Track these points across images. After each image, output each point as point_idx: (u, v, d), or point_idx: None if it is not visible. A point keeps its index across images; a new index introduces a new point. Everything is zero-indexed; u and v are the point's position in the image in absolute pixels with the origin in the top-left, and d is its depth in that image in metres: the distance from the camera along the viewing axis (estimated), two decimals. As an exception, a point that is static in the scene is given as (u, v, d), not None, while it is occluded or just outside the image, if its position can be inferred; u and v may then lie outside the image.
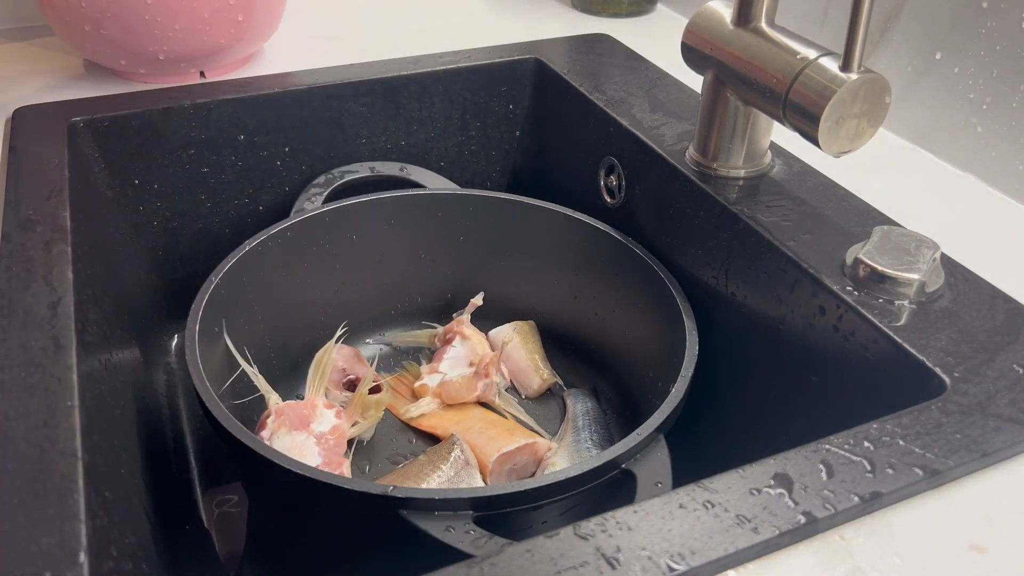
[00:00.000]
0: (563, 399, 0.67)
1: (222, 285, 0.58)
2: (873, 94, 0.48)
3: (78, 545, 0.32)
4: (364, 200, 0.67)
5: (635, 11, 0.91)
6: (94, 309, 0.50)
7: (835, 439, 0.38)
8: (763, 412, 0.56)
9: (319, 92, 0.71)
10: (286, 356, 0.67)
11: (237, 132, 0.70)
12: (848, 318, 0.47)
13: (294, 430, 0.56)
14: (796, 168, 0.60)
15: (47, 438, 0.37)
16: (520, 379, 0.69)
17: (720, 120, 0.57)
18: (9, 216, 0.52)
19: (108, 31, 0.67)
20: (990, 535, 0.35)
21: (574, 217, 0.66)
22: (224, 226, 0.74)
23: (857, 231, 0.53)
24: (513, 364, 0.69)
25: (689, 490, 0.35)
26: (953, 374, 0.42)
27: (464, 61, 0.76)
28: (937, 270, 0.49)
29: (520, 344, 0.69)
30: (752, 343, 0.56)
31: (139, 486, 0.47)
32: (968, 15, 0.60)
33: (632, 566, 0.32)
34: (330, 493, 0.44)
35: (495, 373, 0.65)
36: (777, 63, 0.51)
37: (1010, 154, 0.59)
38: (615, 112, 0.68)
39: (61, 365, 0.41)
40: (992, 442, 0.38)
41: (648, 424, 0.48)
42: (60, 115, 0.64)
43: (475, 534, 0.42)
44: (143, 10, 0.66)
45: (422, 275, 0.72)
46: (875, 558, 0.34)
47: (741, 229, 0.55)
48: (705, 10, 0.57)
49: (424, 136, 0.77)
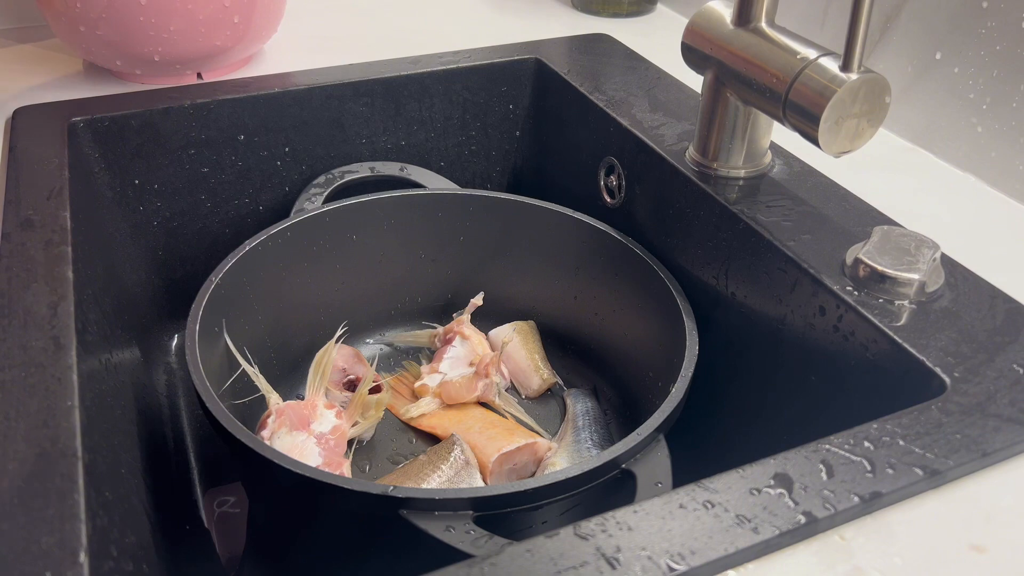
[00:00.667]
0: (563, 399, 0.67)
1: (222, 285, 0.58)
2: (873, 94, 0.48)
3: (78, 545, 0.32)
4: (364, 200, 0.67)
5: (635, 11, 0.91)
6: (94, 309, 0.50)
7: (835, 439, 0.38)
8: (763, 412, 0.56)
9: (319, 92, 0.71)
10: (286, 356, 0.67)
11: (237, 132, 0.70)
12: (848, 318, 0.47)
13: (294, 430, 0.56)
14: (796, 168, 0.60)
15: (47, 438, 0.37)
16: (520, 379, 0.69)
17: (720, 120, 0.57)
18: (9, 216, 0.52)
19: (104, 32, 0.67)
20: (990, 535, 0.35)
21: (574, 217, 0.66)
22: (224, 226, 0.74)
23: (857, 231, 0.53)
24: (513, 364, 0.69)
25: (689, 490, 0.35)
26: (953, 374, 0.42)
27: (464, 61, 0.76)
28: (937, 270, 0.49)
29: (520, 344, 0.69)
30: (752, 343, 0.56)
31: (139, 486, 0.47)
32: (968, 15, 0.60)
33: (632, 566, 0.32)
34: (330, 493, 0.44)
35: (495, 373, 0.65)
36: (777, 63, 0.51)
37: (1010, 154, 0.59)
38: (615, 112, 0.68)
39: (61, 365, 0.41)
40: (992, 442, 0.38)
41: (648, 424, 0.48)
42: (60, 115, 0.64)
43: (475, 534, 0.42)
44: (138, 11, 0.66)
45: (422, 275, 0.72)
46: (875, 558, 0.34)
47: (741, 229, 0.55)
48: (705, 10, 0.57)
49: (424, 136, 0.77)
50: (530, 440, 0.59)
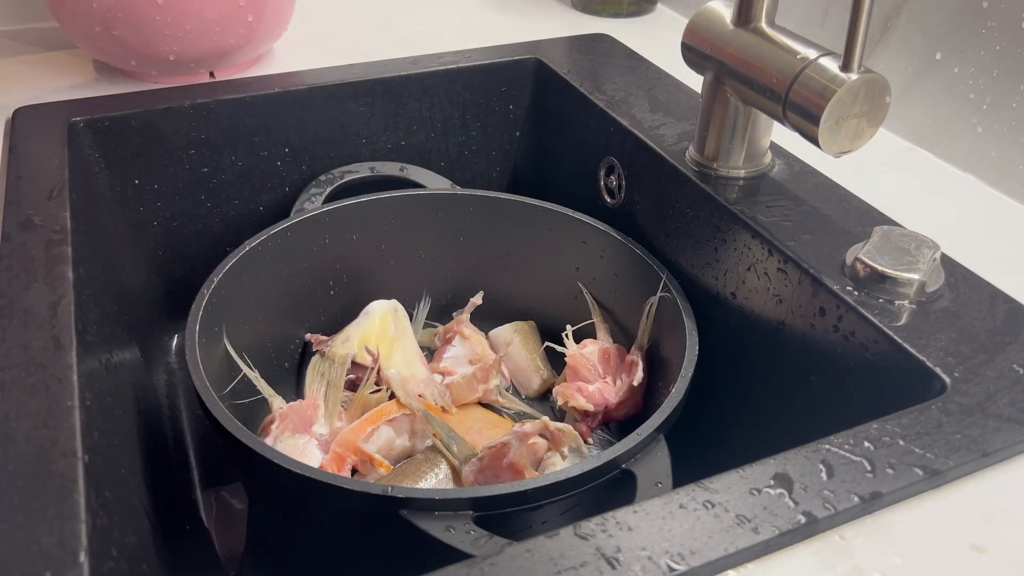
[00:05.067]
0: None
1: (222, 285, 0.58)
2: (873, 94, 0.48)
3: (78, 545, 0.32)
4: (364, 200, 0.67)
5: (635, 11, 0.91)
6: (94, 309, 0.50)
7: (835, 439, 0.38)
8: (763, 412, 0.56)
9: (319, 92, 0.71)
10: (287, 356, 0.67)
11: (237, 132, 0.70)
12: (848, 318, 0.47)
13: (297, 433, 0.56)
14: (796, 168, 0.60)
15: (47, 438, 0.37)
16: (520, 379, 0.69)
17: (720, 120, 0.57)
18: (9, 216, 0.52)
19: (118, 32, 0.67)
20: (990, 535, 0.35)
21: (574, 217, 0.66)
22: (224, 226, 0.74)
23: (857, 231, 0.53)
24: (513, 364, 0.69)
25: (689, 490, 0.35)
26: (953, 374, 0.42)
27: (464, 61, 0.76)
28: (937, 270, 0.49)
29: (520, 344, 0.69)
30: (752, 343, 0.56)
31: (139, 486, 0.47)
32: (968, 15, 0.60)
33: (632, 566, 0.32)
34: (330, 493, 0.44)
35: (495, 376, 0.65)
36: (777, 63, 0.51)
37: (1010, 154, 0.59)
38: (615, 112, 0.68)
39: (61, 365, 0.41)
40: (992, 442, 0.38)
41: (648, 424, 0.48)
42: (60, 115, 0.64)
43: (475, 534, 0.42)
44: (153, 11, 0.66)
45: (422, 275, 0.72)
46: (875, 558, 0.34)
47: (741, 229, 0.55)
48: (705, 10, 0.57)
49: (424, 136, 0.77)
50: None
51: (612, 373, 0.63)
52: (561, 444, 0.55)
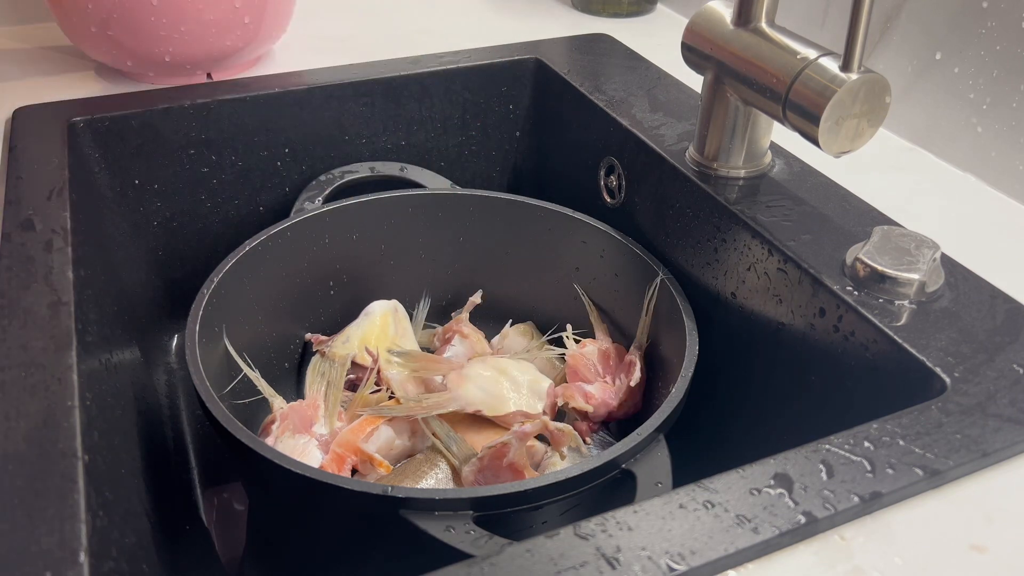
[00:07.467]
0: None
1: (222, 285, 0.58)
2: (873, 94, 0.48)
3: (78, 545, 0.32)
4: (364, 200, 0.67)
5: (635, 11, 0.91)
6: (94, 309, 0.50)
7: (835, 439, 0.38)
8: (763, 412, 0.56)
9: (319, 92, 0.71)
10: (286, 356, 0.67)
11: (237, 132, 0.70)
12: (848, 318, 0.47)
13: (297, 433, 0.56)
14: (796, 168, 0.60)
15: (47, 438, 0.37)
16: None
17: (720, 120, 0.57)
18: (9, 216, 0.52)
19: (114, 32, 0.67)
20: (990, 535, 0.35)
21: (574, 217, 0.66)
22: (224, 226, 0.74)
23: (857, 231, 0.53)
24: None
25: (689, 490, 0.35)
26: (953, 374, 0.42)
27: (464, 61, 0.76)
28: (937, 270, 0.49)
29: (519, 345, 0.69)
30: (752, 343, 0.56)
31: (139, 486, 0.47)
32: (968, 15, 0.60)
33: (632, 566, 0.32)
34: (330, 493, 0.44)
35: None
36: (777, 63, 0.51)
37: (1010, 154, 0.59)
38: (615, 112, 0.68)
39: (61, 365, 0.41)
40: (992, 442, 0.38)
41: (648, 424, 0.48)
42: (60, 115, 0.64)
43: (475, 534, 0.42)
44: (149, 12, 0.66)
45: (422, 275, 0.72)
46: (875, 558, 0.34)
47: (741, 229, 0.55)
48: (705, 10, 0.57)
49: (424, 136, 0.77)
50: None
51: (612, 373, 0.63)
52: (561, 444, 0.55)
